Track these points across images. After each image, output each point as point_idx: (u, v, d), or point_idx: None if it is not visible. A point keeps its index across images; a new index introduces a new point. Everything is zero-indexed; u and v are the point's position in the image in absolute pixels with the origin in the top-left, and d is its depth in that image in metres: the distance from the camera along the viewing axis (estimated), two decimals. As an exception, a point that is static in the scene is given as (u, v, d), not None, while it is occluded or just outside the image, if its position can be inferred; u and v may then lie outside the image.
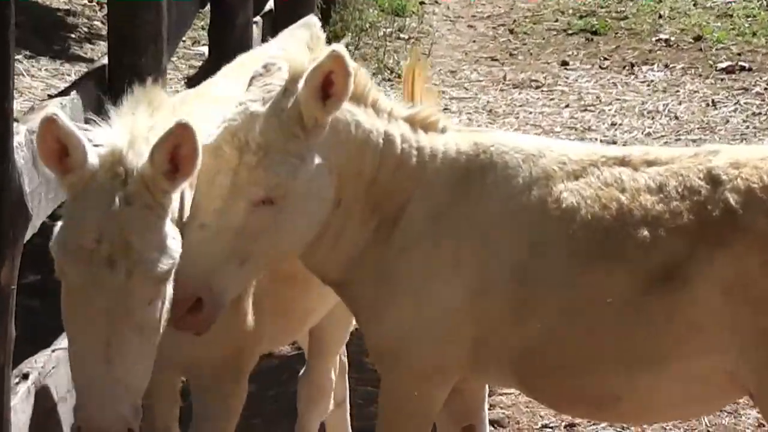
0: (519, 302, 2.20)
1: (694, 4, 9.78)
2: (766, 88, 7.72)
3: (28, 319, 3.54)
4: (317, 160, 2.13)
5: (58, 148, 1.86)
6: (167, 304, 1.94)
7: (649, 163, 2.23)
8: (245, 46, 5.11)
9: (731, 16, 9.31)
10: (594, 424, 3.58)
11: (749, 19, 9.24)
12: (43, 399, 2.71)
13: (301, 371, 3.23)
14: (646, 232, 2.14)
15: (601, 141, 6.60)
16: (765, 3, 9.70)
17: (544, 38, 9.05)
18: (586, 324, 2.18)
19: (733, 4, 9.68)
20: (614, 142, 6.52)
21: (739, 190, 2.12)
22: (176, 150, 1.86)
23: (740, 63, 8.28)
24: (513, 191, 2.22)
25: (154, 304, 1.87)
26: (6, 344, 2.26)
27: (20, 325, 2.45)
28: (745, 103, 7.49)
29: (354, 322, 2.71)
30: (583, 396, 2.31)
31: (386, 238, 2.25)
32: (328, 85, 2.04)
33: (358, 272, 2.29)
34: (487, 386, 2.64)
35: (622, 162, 2.24)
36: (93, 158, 1.87)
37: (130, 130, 1.96)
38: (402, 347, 2.28)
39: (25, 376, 2.66)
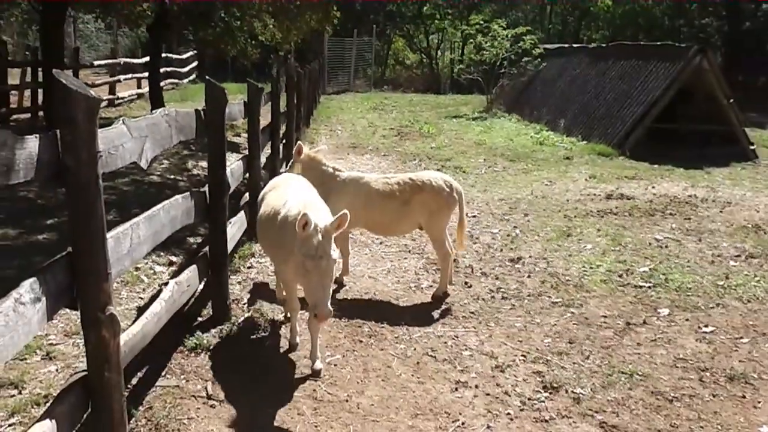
0: (367, 211, 6.38)
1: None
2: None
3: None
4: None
5: (303, 224, 4.31)
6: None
7: (393, 178, 6.51)
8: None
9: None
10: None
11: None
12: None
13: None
14: (398, 193, 6.38)
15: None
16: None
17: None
18: (386, 216, 6.42)
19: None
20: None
21: (422, 181, 6.43)
22: (340, 220, 4.37)
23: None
24: (359, 184, 6.50)
25: (333, 270, 4.41)
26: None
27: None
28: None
29: None
30: (385, 229, 6.69)
31: (324, 191, 6.07)
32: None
33: (325, 196, 5.77)
34: None
35: (387, 178, 6.54)
36: (311, 225, 4.31)
37: (319, 215, 4.53)
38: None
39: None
